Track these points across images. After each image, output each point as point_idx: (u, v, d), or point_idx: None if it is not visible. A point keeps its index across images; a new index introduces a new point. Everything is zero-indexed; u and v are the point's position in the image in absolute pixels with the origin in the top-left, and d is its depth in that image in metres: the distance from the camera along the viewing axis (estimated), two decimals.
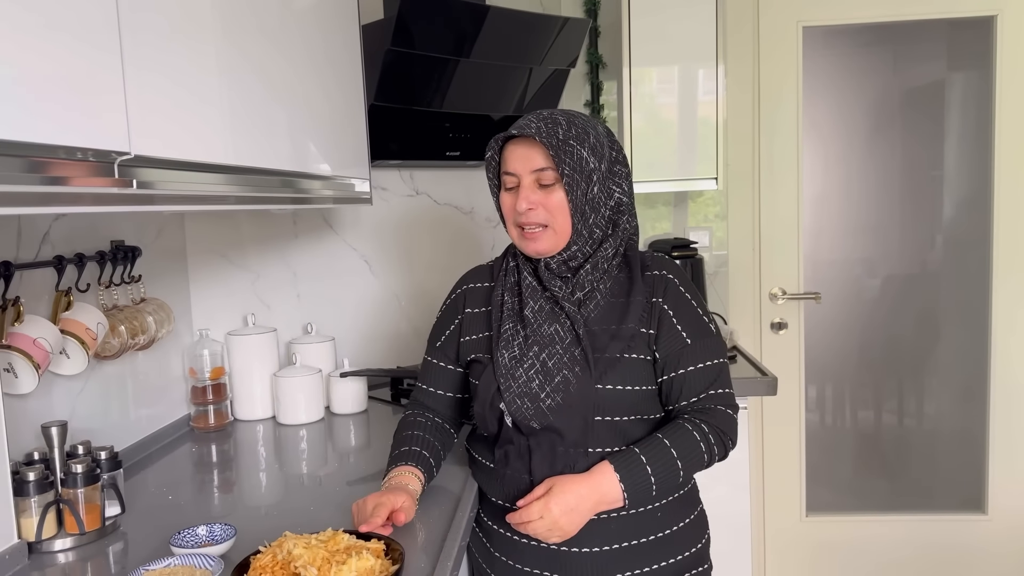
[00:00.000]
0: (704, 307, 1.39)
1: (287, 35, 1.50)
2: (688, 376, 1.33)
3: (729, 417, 1.35)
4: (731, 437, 1.35)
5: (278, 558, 1.09)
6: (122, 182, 0.90)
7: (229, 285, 2.17)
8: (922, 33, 2.75)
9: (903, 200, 2.85)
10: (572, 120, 1.33)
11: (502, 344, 1.37)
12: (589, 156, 1.30)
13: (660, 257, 1.41)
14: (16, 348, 1.35)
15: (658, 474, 1.27)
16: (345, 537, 1.15)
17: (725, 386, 1.36)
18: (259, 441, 1.96)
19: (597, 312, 1.34)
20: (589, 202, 1.32)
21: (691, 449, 1.29)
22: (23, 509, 1.28)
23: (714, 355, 1.35)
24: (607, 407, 1.31)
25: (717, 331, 1.39)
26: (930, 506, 2.90)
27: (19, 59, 0.77)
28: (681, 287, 1.37)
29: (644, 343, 1.33)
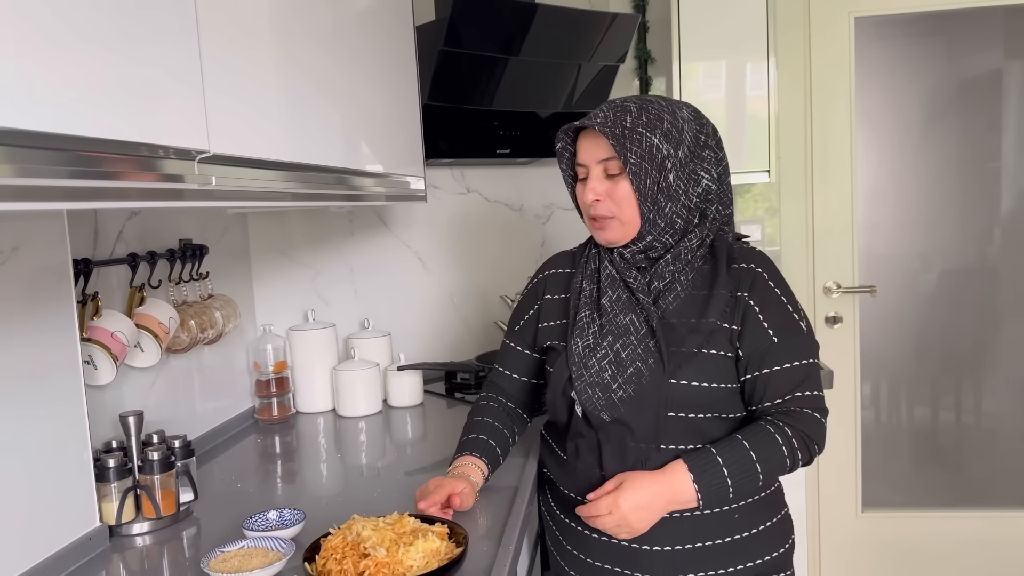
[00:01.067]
0: (795, 303, 1.32)
1: (344, 38, 1.54)
2: (772, 376, 1.27)
3: (816, 421, 1.28)
4: (817, 442, 1.28)
5: (348, 539, 1.13)
6: (202, 178, 0.95)
7: (290, 282, 2.23)
8: (977, 21, 2.70)
9: (960, 193, 2.80)
10: (645, 106, 1.29)
11: (577, 332, 1.35)
12: (662, 143, 1.26)
13: (749, 249, 1.34)
14: (96, 341, 1.41)
15: (735, 476, 1.22)
16: (411, 520, 1.19)
17: (813, 388, 1.29)
18: (320, 433, 2.01)
19: (676, 304, 1.30)
20: (663, 191, 1.28)
21: (771, 452, 1.24)
22: (104, 494, 1.35)
23: (802, 355, 1.29)
24: (680, 402, 1.27)
25: (808, 329, 1.31)
26: (989, 502, 2.85)
27: (117, 70, 0.82)
28: (770, 281, 1.30)
29: (725, 339, 1.28)
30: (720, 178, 1.33)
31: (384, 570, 1.07)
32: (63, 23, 0.75)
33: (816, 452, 1.28)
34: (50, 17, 0.74)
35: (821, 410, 1.29)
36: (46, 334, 1.25)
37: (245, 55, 1.14)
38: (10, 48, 0.68)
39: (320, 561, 1.12)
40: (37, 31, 0.72)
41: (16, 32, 0.69)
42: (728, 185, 1.35)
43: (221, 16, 1.06)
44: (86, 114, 0.78)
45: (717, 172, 1.32)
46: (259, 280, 2.17)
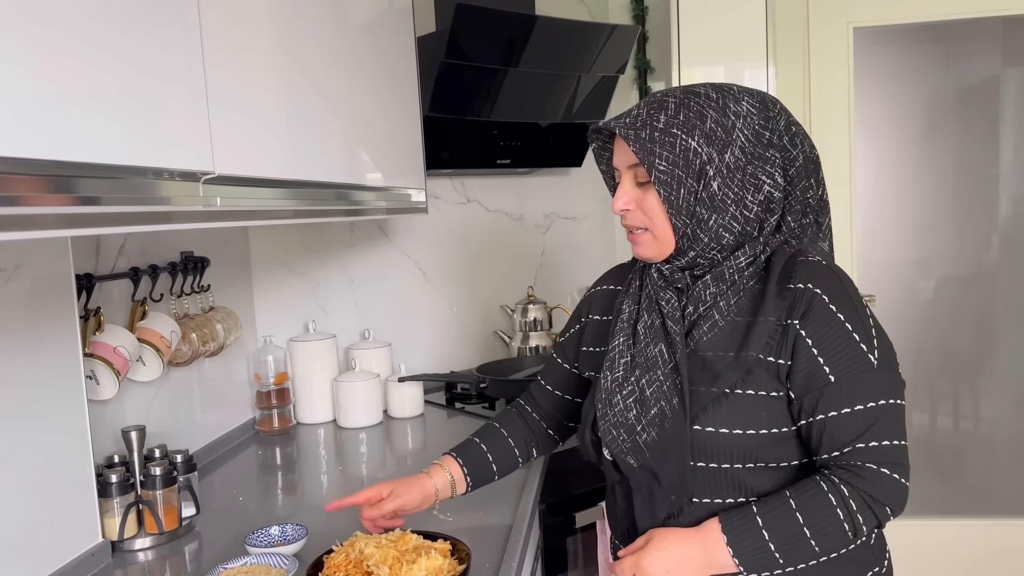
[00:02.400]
0: (867, 332, 1.05)
1: (345, 51, 1.55)
2: (828, 423, 1.03)
3: (884, 478, 1.01)
4: (888, 503, 1.02)
5: (351, 557, 1.13)
6: (207, 200, 0.95)
7: (290, 293, 2.23)
8: (976, 29, 2.71)
9: (958, 200, 2.81)
10: (686, 102, 1.08)
11: (608, 364, 1.17)
12: (701, 145, 1.05)
13: (813, 263, 1.07)
14: (98, 356, 1.42)
15: (778, 542, 1.02)
16: (414, 537, 1.19)
17: (884, 437, 1.02)
18: (321, 444, 2.01)
19: (714, 334, 1.08)
20: (704, 202, 1.06)
21: (823, 516, 1.01)
22: (106, 509, 1.35)
23: (870, 396, 1.03)
24: (708, 452, 1.07)
25: (884, 365, 1.05)
26: (988, 511, 2.85)
27: (122, 92, 0.83)
28: (832, 305, 1.04)
29: (771, 376, 1.05)
30: (793, 181, 1.10)
31: None
32: (68, 50, 0.76)
33: (886, 515, 1.03)
34: (58, 45, 0.74)
35: (894, 464, 1.02)
36: (49, 350, 1.25)
37: (248, 72, 1.15)
38: (15, 76, 0.69)
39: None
40: (42, 57, 0.72)
41: (20, 60, 0.70)
42: (807, 189, 1.12)
43: (225, 33, 1.06)
44: (89, 140, 0.78)
45: (786, 176, 1.10)
46: (260, 291, 2.18)
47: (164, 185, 0.90)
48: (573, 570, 1.75)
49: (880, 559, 1.17)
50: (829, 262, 1.10)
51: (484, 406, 2.21)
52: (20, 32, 0.69)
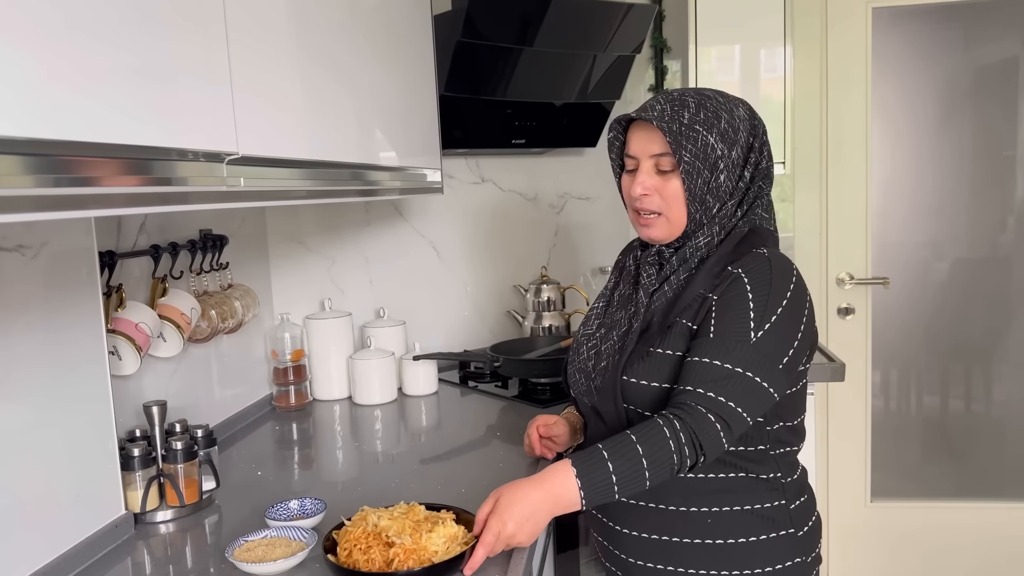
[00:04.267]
0: (767, 314, 1.18)
1: (362, 30, 1.55)
2: (689, 366, 1.18)
3: (710, 425, 1.13)
4: (705, 446, 1.12)
5: (367, 530, 1.15)
6: (231, 180, 0.97)
7: (307, 271, 2.25)
8: (995, 10, 2.68)
9: (974, 181, 2.79)
10: (703, 103, 1.24)
11: (584, 321, 1.43)
12: (717, 142, 1.22)
13: (757, 255, 1.23)
14: (120, 332, 1.44)
15: (620, 472, 1.12)
16: (421, 509, 1.23)
17: (723, 395, 1.14)
18: (336, 420, 2.04)
19: (660, 303, 1.28)
20: (713, 191, 1.24)
21: (659, 448, 1.12)
22: (129, 483, 1.38)
23: (732, 360, 1.15)
24: (633, 399, 1.25)
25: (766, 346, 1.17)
26: (998, 493, 2.86)
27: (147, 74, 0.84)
28: (748, 285, 1.19)
29: (685, 338, 1.22)
30: (752, 179, 1.28)
31: (412, 556, 1.10)
32: (95, 33, 0.77)
33: (700, 457, 1.13)
34: (86, 27, 0.75)
35: (723, 420, 1.13)
36: (73, 326, 1.28)
37: (268, 53, 1.16)
38: (39, 56, 0.70)
39: (343, 552, 1.14)
40: (72, 44, 0.73)
41: (50, 45, 0.71)
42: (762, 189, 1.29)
43: (247, 16, 1.07)
44: (115, 121, 0.80)
45: (752, 173, 1.27)
46: (276, 269, 2.20)
47: (187, 166, 0.91)
48: (584, 545, 1.78)
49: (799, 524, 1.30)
50: (775, 255, 1.25)
51: (497, 385, 2.23)
52: (47, 14, 0.71)
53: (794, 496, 1.30)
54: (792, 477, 1.31)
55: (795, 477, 1.32)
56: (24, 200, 0.68)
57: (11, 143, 0.66)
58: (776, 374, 1.17)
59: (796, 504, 1.30)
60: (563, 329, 2.51)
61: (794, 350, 1.20)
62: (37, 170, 0.69)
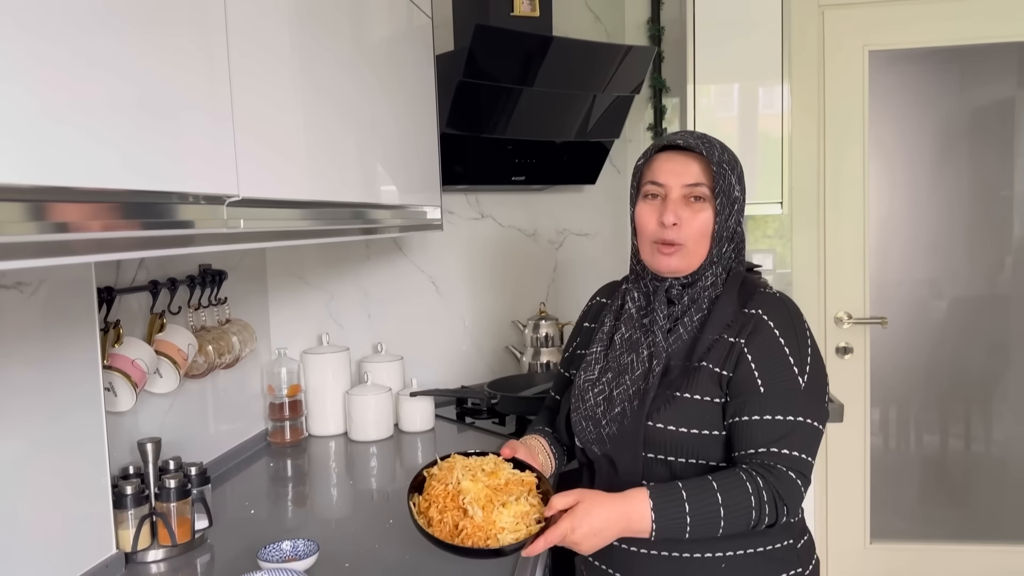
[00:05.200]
0: (802, 359, 1.22)
1: (365, 71, 1.57)
2: (751, 425, 1.20)
3: (791, 482, 1.17)
4: (788, 504, 1.17)
5: (448, 489, 1.18)
6: (231, 223, 0.97)
7: (305, 305, 2.25)
8: (991, 52, 2.72)
9: (971, 221, 2.80)
10: (724, 146, 1.30)
11: (584, 365, 1.37)
12: (737, 184, 1.28)
13: (769, 295, 1.28)
14: (117, 368, 1.44)
15: (695, 515, 1.15)
16: (506, 469, 1.23)
17: (795, 448, 1.18)
18: (331, 457, 2.03)
19: (677, 345, 1.28)
20: (727, 230, 1.29)
21: (739, 500, 1.15)
22: (120, 521, 1.37)
23: (791, 411, 1.19)
24: (657, 445, 1.25)
25: (812, 388, 1.22)
26: (998, 536, 2.84)
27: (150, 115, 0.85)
28: (776, 330, 1.23)
29: (715, 383, 1.23)
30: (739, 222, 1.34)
31: (479, 532, 1.14)
32: (97, 76, 0.78)
33: (784, 515, 1.17)
34: (86, 69, 0.76)
35: (801, 474, 1.18)
36: (70, 363, 1.27)
37: (271, 95, 1.17)
38: (48, 105, 0.71)
39: (424, 503, 1.19)
40: (68, 81, 0.74)
41: (49, 88, 0.72)
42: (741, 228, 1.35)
43: (250, 58, 1.08)
44: (115, 165, 0.80)
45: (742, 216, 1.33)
46: (275, 304, 2.20)
47: (188, 209, 0.92)
48: None
49: (806, 563, 1.32)
50: (784, 296, 1.30)
51: (494, 422, 2.22)
52: (51, 54, 0.71)
53: (799, 535, 1.32)
54: (797, 517, 1.32)
55: (800, 517, 1.34)
56: (24, 247, 0.68)
57: (11, 190, 0.66)
58: (823, 412, 1.24)
59: (801, 543, 1.32)
60: None
61: (827, 384, 1.27)
62: (37, 217, 0.69)
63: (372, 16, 1.61)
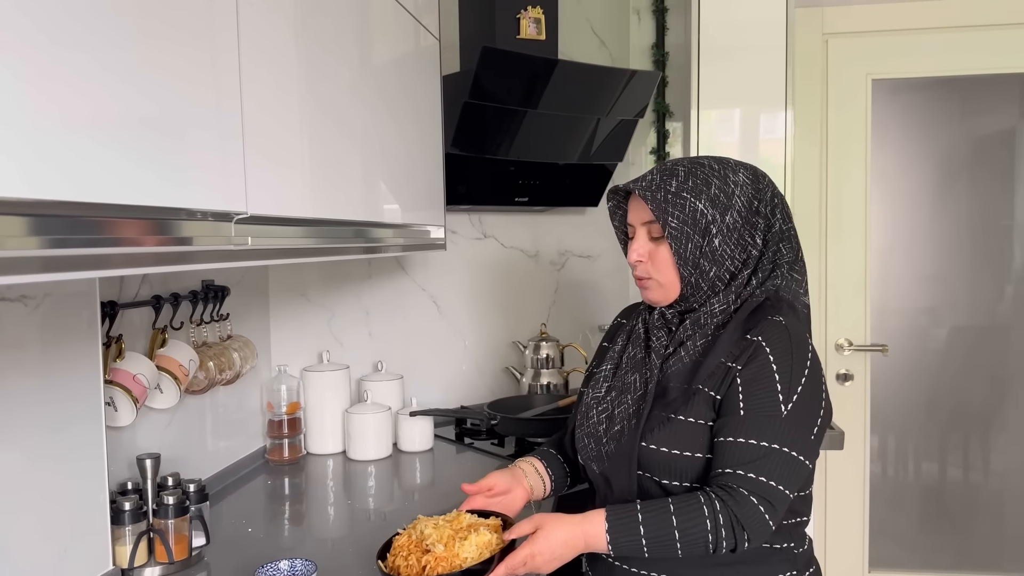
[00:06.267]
0: (793, 386, 1.19)
1: (372, 91, 1.58)
2: (725, 446, 1.18)
3: (753, 508, 1.14)
4: (749, 531, 1.14)
5: (412, 538, 1.26)
6: (237, 240, 0.97)
7: (306, 323, 2.25)
8: (993, 83, 2.74)
9: (972, 250, 2.81)
10: (695, 170, 1.27)
11: (592, 383, 1.40)
12: (707, 208, 1.24)
13: (775, 323, 1.24)
14: (118, 383, 1.43)
15: (650, 537, 1.15)
16: (467, 516, 1.31)
17: (764, 474, 1.15)
18: (329, 476, 2.02)
19: (677, 368, 1.27)
20: (707, 255, 1.25)
21: (694, 524, 1.14)
22: (118, 537, 1.36)
23: (767, 437, 1.17)
24: (650, 466, 1.25)
25: (796, 418, 1.18)
26: (996, 567, 2.82)
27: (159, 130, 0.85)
28: (771, 355, 1.20)
29: (709, 407, 1.22)
30: (767, 244, 1.29)
31: (443, 563, 1.19)
32: (107, 91, 0.78)
33: (745, 541, 1.15)
34: (96, 85, 0.77)
35: (765, 500, 1.15)
36: (72, 376, 1.27)
37: (279, 113, 1.18)
38: (57, 118, 0.71)
39: (390, 557, 1.25)
40: (79, 99, 0.75)
41: (56, 102, 0.72)
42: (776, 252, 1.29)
43: (260, 76, 1.09)
44: (123, 181, 0.81)
45: (764, 239, 1.28)
46: (276, 320, 2.20)
47: (195, 225, 0.92)
48: None
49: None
50: (791, 323, 1.25)
51: (494, 443, 2.21)
52: (59, 67, 0.72)
53: (804, 567, 1.31)
54: (803, 548, 1.31)
55: (805, 548, 1.32)
56: (28, 261, 0.68)
57: (16, 204, 0.66)
58: (808, 445, 1.20)
59: (807, 574, 1.31)
60: (561, 387, 2.50)
61: (821, 419, 1.23)
62: (41, 231, 0.69)
63: (380, 36, 1.63)
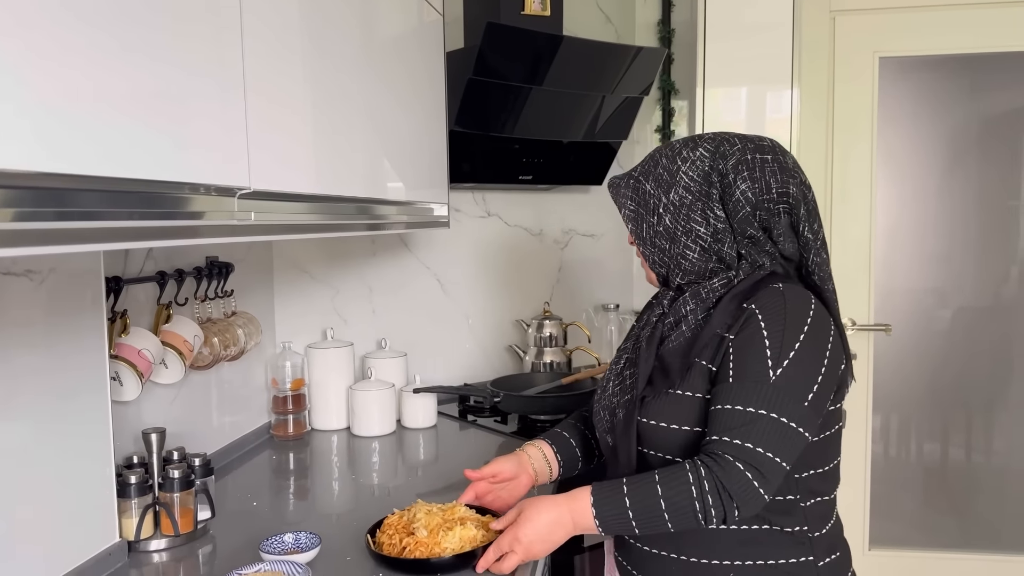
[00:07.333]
0: (784, 351, 1.14)
1: (375, 67, 1.57)
2: (715, 414, 1.15)
3: (739, 474, 1.10)
4: (737, 499, 1.10)
5: (403, 519, 1.31)
6: (242, 215, 0.98)
7: (310, 300, 2.26)
8: (1001, 62, 2.71)
9: (979, 230, 2.80)
10: (655, 154, 1.31)
11: (613, 358, 1.41)
12: (653, 188, 1.27)
13: (772, 290, 1.19)
14: (123, 358, 1.44)
15: (637, 510, 1.13)
16: (462, 508, 1.34)
17: (751, 440, 1.11)
18: (334, 451, 2.03)
19: (679, 342, 1.25)
20: (661, 234, 1.27)
21: (678, 493, 1.12)
22: (124, 510, 1.38)
23: (754, 403, 1.12)
24: (650, 441, 1.24)
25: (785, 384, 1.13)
26: (998, 546, 2.83)
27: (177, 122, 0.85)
28: (763, 322, 1.15)
29: (704, 378, 1.19)
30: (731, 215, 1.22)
31: (421, 548, 1.23)
32: (111, 65, 0.78)
33: (734, 510, 1.11)
34: (100, 58, 0.76)
35: (751, 467, 1.10)
36: (77, 351, 1.28)
37: (282, 88, 1.17)
38: (60, 91, 0.71)
39: (379, 535, 1.31)
40: (83, 70, 0.75)
41: (63, 72, 0.72)
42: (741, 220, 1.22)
43: (263, 51, 1.09)
44: (126, 154, 0.81)
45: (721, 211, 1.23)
46: (280, 297, 2.20)
47: (199, 200, 0.92)
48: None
49: None
50: (791, 290, 1.20)
51: (496, 420, 2.22)
52: (63, 41, 0.72)
53: (824, 552, 1.24)
54: (821, 531, 1.24)
55: (824, 531, 1.25)
56: (31, 234, 0.68)
57: (22, 176, 0.67)
58: (803, 412, 1.13)
59: (826, 561, 1.24)
60: (564, 365, 2.51)
61: (819, 385, 1.15)
62: (44, 204, 0.69)
63: (383, 11, 1.62)
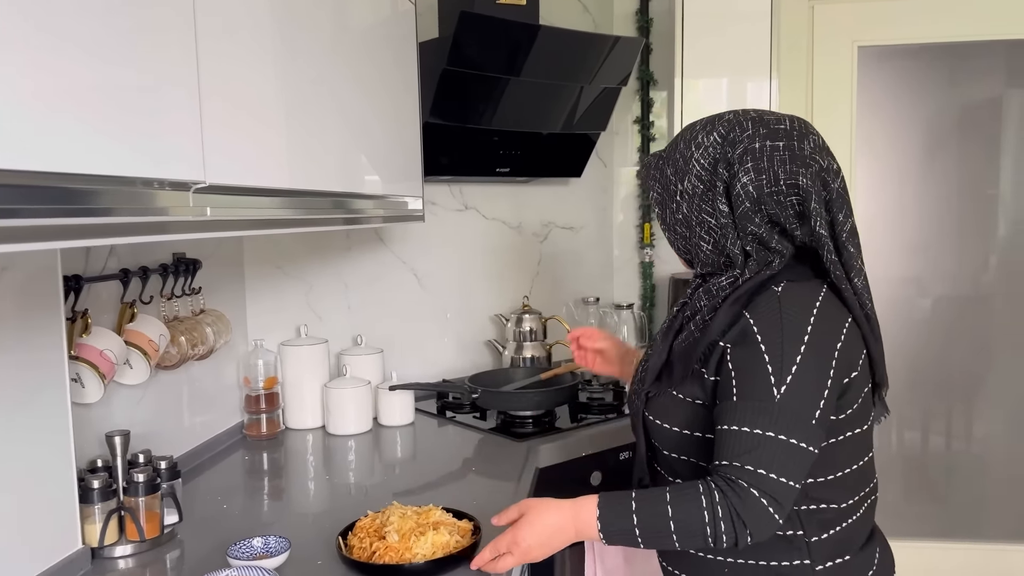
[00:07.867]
0: (786, 368, 1.09)
1: (344, 57, 1.53)
2: (723, 435, 1.11)
3: (755, 503, 1.06)
4: (751, 526, 1.06)
5: (376, 522, 1.29)
6: (196, 210, 0.94)
7: (283, 296, 2.21)
8: (980, 51, 2.71)
9: (958, 219, 2.80)
10: (677, 137, 1.25)
11: (651, 343, 1.38)
12: (672, 174, 1.22)
13: (769, 296, 1.14)
14: (84, 359, 1.40)
15: (644, 528, 1.10)
16: (437, 512, 1.32)
17: (762, 466, 1.06)
18: (308, 450, 1.99)
19: (687, 342, 1.22)
20: (680, 221, 1.22)
21: (690, 515, 1.08)
22: (87, 516, 1.33)
23: (759, 425, 1.08)
24: (655, 437, 1.25)
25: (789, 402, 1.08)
26: (979, 535, 2.84)
27: (109, 94, 0.81)
28: (759, 335, 1.11)
29: (697, 385, 1.18)
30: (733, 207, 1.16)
31: (391, 553, 1.21)
32: (58, 57, 0.74)
33: (747, 536, 1.07)
34: (48, 52, 0.72)
35: (771, 497, 1.06)
36: (34, 352, 1.23)
37: (243, 78, 1.13)
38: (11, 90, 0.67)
39: (351, 537, 1.28)
40: (31, 66, 0.70)
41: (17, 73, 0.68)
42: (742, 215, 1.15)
43: (220, 37, 1.05)
44: (77, 149, 0.77)
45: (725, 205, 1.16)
46: (252, 294, 2.16)
47: (154, 195, 0.88)
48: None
49: None
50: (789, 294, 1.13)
51: (475, 416, 2.19)
52: (13, 40, 0.68)
53: (824, 558, 1.18)
54: (821, 537, 1.18)
55: (826, 537, 1.19)
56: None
57: None
58: (811, 430, 1.09)
59: (825, 567, 1.18)
60: (544, 360, 2.48)
61: (825, 399, 1.10)
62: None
63: (353, 0, 1.57)
